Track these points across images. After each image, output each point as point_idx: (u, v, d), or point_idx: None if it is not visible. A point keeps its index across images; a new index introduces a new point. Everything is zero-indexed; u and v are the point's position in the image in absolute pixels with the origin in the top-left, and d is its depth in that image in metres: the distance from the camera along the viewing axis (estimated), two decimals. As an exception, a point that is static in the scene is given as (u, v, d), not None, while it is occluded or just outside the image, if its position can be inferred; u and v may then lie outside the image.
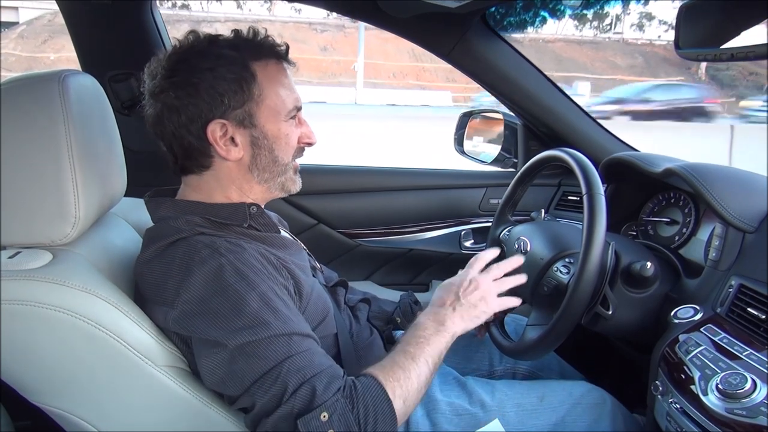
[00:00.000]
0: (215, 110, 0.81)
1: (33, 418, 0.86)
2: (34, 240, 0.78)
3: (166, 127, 0.83)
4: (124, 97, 1.40)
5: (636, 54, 22.47)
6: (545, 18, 3.39)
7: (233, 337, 0.72)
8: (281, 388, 0.71)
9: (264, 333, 0.73)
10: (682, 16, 0.73)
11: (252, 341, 0.72)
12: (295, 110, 0.88)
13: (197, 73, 0.80)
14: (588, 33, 22.21)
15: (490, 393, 0.98)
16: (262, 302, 0.75)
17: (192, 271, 0.75)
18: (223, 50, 0.82)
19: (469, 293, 0.92)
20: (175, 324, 0.76)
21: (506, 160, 1.68)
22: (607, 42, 22.34)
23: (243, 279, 0.75)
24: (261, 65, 0.84)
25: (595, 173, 0.94)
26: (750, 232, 0.91)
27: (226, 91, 0.81)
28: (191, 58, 0.81)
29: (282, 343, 0.73)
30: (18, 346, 0.72)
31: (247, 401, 0.74)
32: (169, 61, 0.82)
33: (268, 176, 0.88)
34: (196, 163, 0.86)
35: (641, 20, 23.17)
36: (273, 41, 0.87)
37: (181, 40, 0.84)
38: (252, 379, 0.72)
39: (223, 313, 0.73)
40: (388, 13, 1.26)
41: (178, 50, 0.82)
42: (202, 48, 0.82)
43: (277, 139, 0.86)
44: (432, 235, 1.65)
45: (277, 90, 0.85)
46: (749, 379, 0.71)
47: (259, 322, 0.73)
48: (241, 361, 0.72)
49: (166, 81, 0.81)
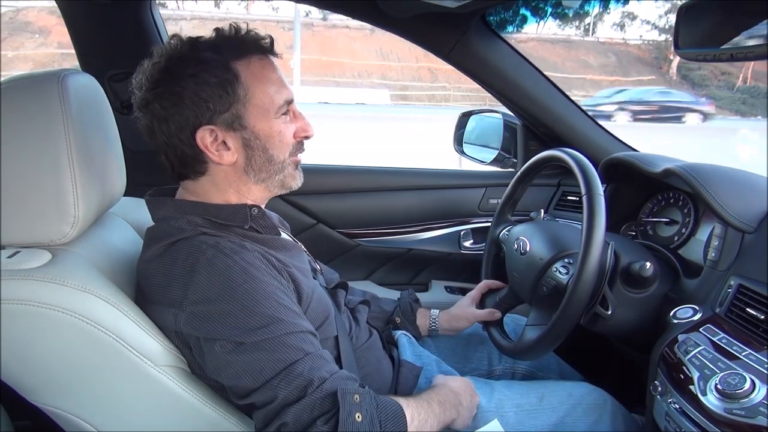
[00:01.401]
0: (202, 117, 0.80)
1: (32, 417, 0.86)
2: (33, 239, 0.78)
3: (159, 138, 0.82)
4: (124, 97, 1.40)
5: (609, 53, 22.48)
6: (526, 17, 3.37)
7: (249, 335, 0.73)
8: (305, 381, 0.72)
9: (281, 330, 0.74)
10: (682, 16, 0.73)
11: (269, 338, 0.73)
12: (286, 105, 0.86)
13: (180, 81, 0.79)
14: (569, 32, 22.23)
15: (489, 393, 0.98)
16: (273, 300, 0.75)
17: (198, 272, 0.75)
18: (203, 54, 0.80)
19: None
20: (187, 326, 0.76)
21: (506, 160, 1.68)
22: (580, 41, 22.36)
23: (251, 279, 0.75)
24: (243, 63, 0.81)
25: (595, 174, 0.94)
26: (749, 232, 0.91)
27: (210, 96, 0.79)
28: (173, 67, 0.79)
29: (299, 339, 0.75)
30: (17, 345, 0.72)
31: (266, 394, 0.73)
32: (152, 71, 0.80)
33: (265, 176, 0.87)
34: (192, 170, 0.85)
35: (623, 20, 23.18)
36: (255, 35, 0.84)
37: (162, 47, 0.82)
38: (273, 372, 0.72)
39: (235, 314, 0.73)
40: (388, 13, 1.26)
41: (160, 59, 0.81)
42: (182, 54, 0.80)
43: (270, 138, 0.84)
44: (431, 235, 1.65)
45: (264, 87, 0.83)
46: (748, 379, 0.71)
47: (273, 320, 0.74)
48: (259, 355, 0.73)
49: (151, 93, 0.80)
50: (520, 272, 1.10)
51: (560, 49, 20.89)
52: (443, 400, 0.87)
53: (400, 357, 1.07)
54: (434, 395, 0.87)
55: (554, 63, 20.33)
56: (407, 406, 0.79)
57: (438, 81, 19.73)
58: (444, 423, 0.85)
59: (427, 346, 1.17)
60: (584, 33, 21.39)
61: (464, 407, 0.90)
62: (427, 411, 0.82)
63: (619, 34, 22.59)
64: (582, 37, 21.83)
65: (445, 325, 1.19)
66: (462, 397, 0.91)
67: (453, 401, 0.88)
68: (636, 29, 23.33)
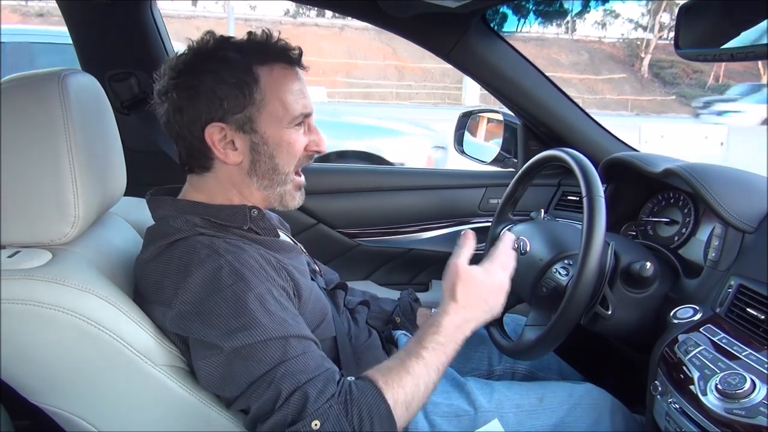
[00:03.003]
0: (214, 113, 0.81)
1: (32, 417, 0.86)
2: (33, 239, 0.78)
3: (173, 127, 0.84)
4: (124, 97, 1.40)
5: (582, 51, 22.39)
6: (506, 15, 3.31)
7: (229, 339, 0.72)
8: (275, 393, 0.70)
9: (259, 336, 0.72)
10: (682, 16, 0.73)
11: (247, 344, 0.72)
12: (302, 117, 0.86)
13: (199, 75, 0.81)
14: (543, 31, 22.12)
15: (488, 394, 0.98)
16: (258, 304, 0.74)
17: (190, 272, 0.75)
18: (228, 53, 0.81)
19: (498, 294, 0.86)
20: (173, 324, 0.76)
21: (506, 160, 1.68)
22: (554, 39, 22.24)
23: (240, 280, 0.75)
24: (266, 70, 0.83)
25: (595, 175, 0.94)
26: (749, 232, 0.91)
27: (226, 95, 0.81)
28: (196, 60, 0.82)
29: (277, 346, 0.72)
30: (17, 345, 0.72)
31: (243, 403, 0.74)
32: (177, 62, 0.83)
33: (268, 184, 0.87)
34: (198, 164, 0.86)
35: (605, 18, 23.08)
36: (284, 45, 0.85)
37: (195, 40, 0.85)
38: (247, 382, 0.72)
39: (219, 314, 0.73)
40: (388, 12, 1.26)
41: (188, 51, 0.83)
42: (208, 50, 0.83)
43: (278, 146, 0.85)
44: (431, 235, 1.65)
45: (282, 96, 0.83)
46: (748, 379, 0.71)
47: (254, 323, 0.72)
48: (236, 364, 0.72)
49: (171, 81, 0.82)
50: (520, 272, 1.10)
51: (532, 48, 20.72)
52: (438, 342, 0.78)
53: (400, 357, 1.07)
54: (418, 347, 0.78)
55: (524, 61, 20.20)
56: (387, 387, 0.73)
57: (404, 79, 19.78)
58: (450, 359, 0.79)
59: (427, 346, 1.16)
60: (565, 31, 21.33)
61: (474, 319, 0.82)
62: (415, 369, 0.75)
63: (601, 33, 22.53)
64: (556, 35, 21.76)
65: None
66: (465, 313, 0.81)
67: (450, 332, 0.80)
68: (618, 28, 23.21)
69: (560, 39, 20.94)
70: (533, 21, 15.77)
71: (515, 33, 15.06)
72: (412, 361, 0.76)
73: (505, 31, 1.42)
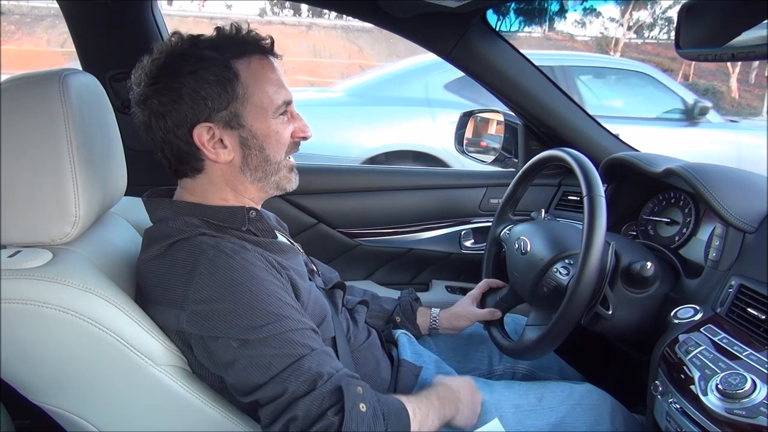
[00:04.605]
0: (199, 114, 0.80)
1: (33, 417, 0.86)
2: (34, 239, 0.78)
3: (156, 134, 0.82)
4: (125, 96, 1.39)
5: (552, 49, 22.38)
6: (507, 15, 3.19)
7: (254, 332, 0.73)
8: (314, 374, 0.73)
9: (286, 326, 0.74)
10: (683, 15, 0.73)
11: (274, 334, 0.73)
12: (285, 105, 0.86)
13: (179, 77, 0.79)
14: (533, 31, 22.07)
15: (488, 394, 0.98)
16: (276, 298, 0.76)
17: (199, 272, 0.75)
18: (204, 51, 0.80)
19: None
20: (189, 325, 0.75)
21: (506, 160, 1.68)
22: (525, 37, 22.13)
23: (253, 278, 0.76)
24: (244, 63, 0.82)
25: (596, 175, 0.94)
26: (750, 232, 0.91)
27: (209, 94, 0.79)
28: (172, 63, 0.80)
29: (304, 335, 0.76)
30: (18, 345, 0.72)
31: (275, 389, 0.73)
32: (151, 67, 0.80)
33: (261, 175, 0.87)
34: (189, 167, 0.85)
35: (586, 17, 22.96)
36: (256, 36, 0.85)
37: (163, 43, 0.82)
38: (282, 367, 0.73)
39: (239, 312, 0.73)
40: (388, 12, 1.26)
41: (160, 55, 0.81)
42: (182, 51, 0.80)
43: (267, 138, 0.84)
44: (432, 235, 1.65)
45: (263, 87, 0.83)
46: (749, 379, 0.71)
47: (278, 317, 0.75)
48: (267, 350, 0.73)
49: (150, 88, 0.80)
50: (521, 272, 1.10)
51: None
52: (442, 396, 0.88)
53: (400, 356, 1.07)
54: (432, 392, 0.88)
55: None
56: (408, 402, 0.80)
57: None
58: (444, 418, 0.86)
59: (427, 345, 1.17)
60: (544, 31, 21.24)
61: (463, 403, 0.90)
62: (426, 406, 0.83)
63: (582, 31, 22.39)
64: (528, 33, 21.68)
65: (446, 323, 1.19)
66: (461, 393, 0.91)
67: (451, 397, 0.89)
68: (597, 26, 23.04)
69: (531, 37, 20.79)
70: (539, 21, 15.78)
71: (517, 33, 15.03)
72: (427, 398, 0.86)
73: (505, 30, 1.41)
